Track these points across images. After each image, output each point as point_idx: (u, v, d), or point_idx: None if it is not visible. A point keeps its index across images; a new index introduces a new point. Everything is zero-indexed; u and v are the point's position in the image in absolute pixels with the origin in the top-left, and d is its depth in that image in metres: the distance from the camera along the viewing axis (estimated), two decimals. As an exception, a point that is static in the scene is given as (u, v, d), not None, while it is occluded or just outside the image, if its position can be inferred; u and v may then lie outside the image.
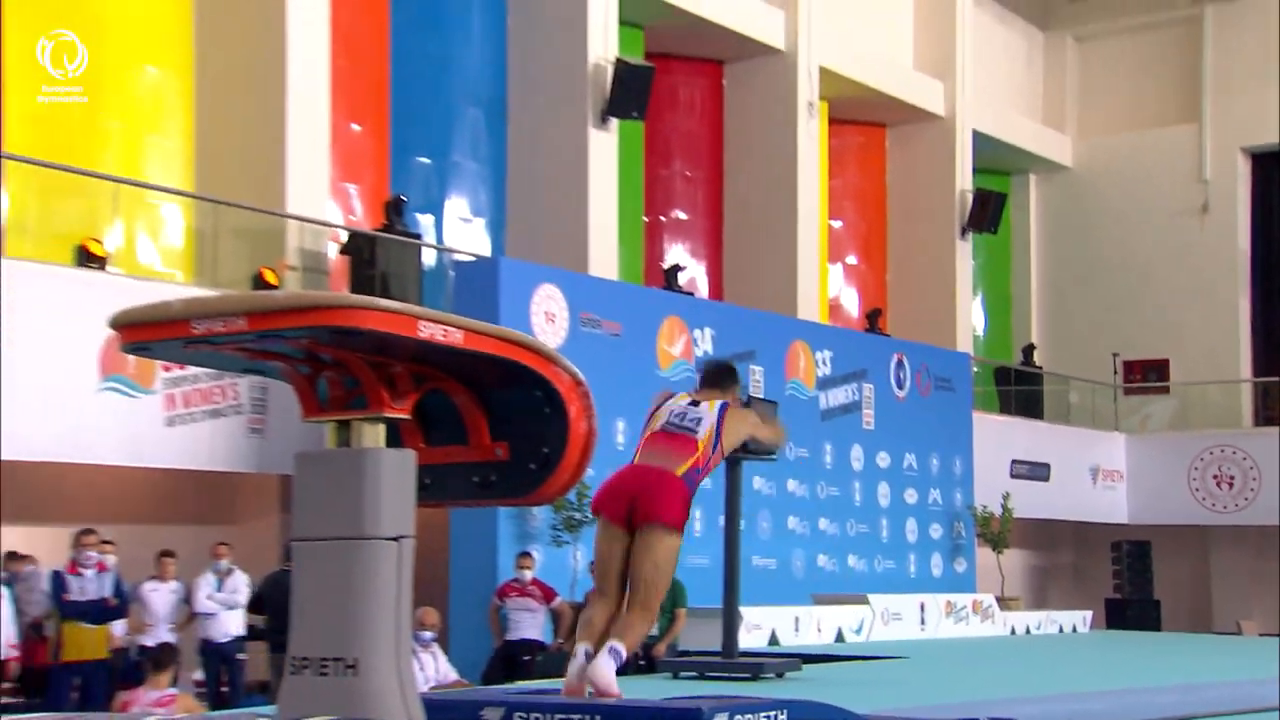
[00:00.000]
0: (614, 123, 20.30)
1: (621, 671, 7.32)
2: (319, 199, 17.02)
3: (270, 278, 15.93)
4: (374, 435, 5.90)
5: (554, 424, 6.31)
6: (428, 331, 5.71)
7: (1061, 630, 22.30)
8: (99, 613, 13.41)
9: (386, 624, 5.69)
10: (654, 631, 15.40)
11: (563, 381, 6.29)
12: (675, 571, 7.54)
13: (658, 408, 7.91)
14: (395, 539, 5.73)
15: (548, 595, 15.41)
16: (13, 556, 13.66)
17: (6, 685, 13.47)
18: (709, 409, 7.80)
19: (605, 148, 20.26)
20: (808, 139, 23.53)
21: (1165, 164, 28.50)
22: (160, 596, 14.05)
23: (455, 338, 5.83)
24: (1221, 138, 28.23)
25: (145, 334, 6.02)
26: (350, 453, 5.90)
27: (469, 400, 6.37)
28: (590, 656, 7.16)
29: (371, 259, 16.51)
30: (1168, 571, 26.32)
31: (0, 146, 15.24)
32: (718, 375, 8.36)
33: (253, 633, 14.70)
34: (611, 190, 20.39)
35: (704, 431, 7.65)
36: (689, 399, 7.97)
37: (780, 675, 11.67)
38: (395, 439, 5.99)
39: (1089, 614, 23.95)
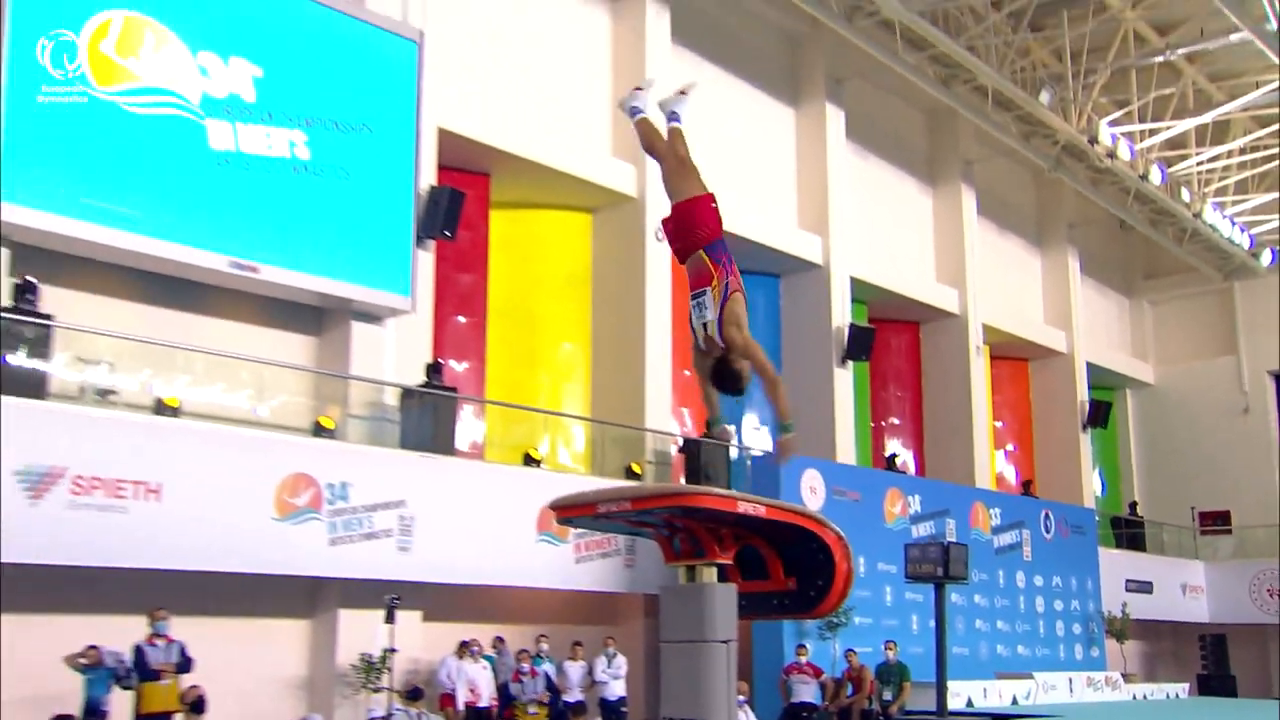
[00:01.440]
0: (850, 364, 20.98)
1: None
2: (665, 418, 17.55)
3: (636, 469, 16.46)
4: (710, 574, 6.27)
5: (825, 565, 6.62)
6: (743, 508, 6.17)
7: (1167, 697, 22.28)
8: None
9: (721, 693, 6.03)
10: (888, 696, 15.93)
11: (830, 536, 6.62)
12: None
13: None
14: (725, 641, 6.09)
15: (817, 672, 15.78)
16: (466, 644, 13.82)
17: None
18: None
19: (845, 379, 20.86)
20: (977, 371, 24.00)
21: (1216, 381, 28.74)
22: (575, 670, 14.45)
23: (760, 511, 6.27)
24: (1253, 363, 28.57)
25: (570, 512, 6.65)
26: (696, 586, 6.28)
27: (770, 550, 6.71)
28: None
29: (698, 456, 16.95)
30: (1240, 655, 25.86)
31: (460, 390, 16.27)
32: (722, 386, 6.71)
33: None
34: (850, 406, 20.90)
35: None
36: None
37: None
38: (723, 576, 6.30)
39: (1186, 685, 23.91)
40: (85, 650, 10.68)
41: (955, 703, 15.53)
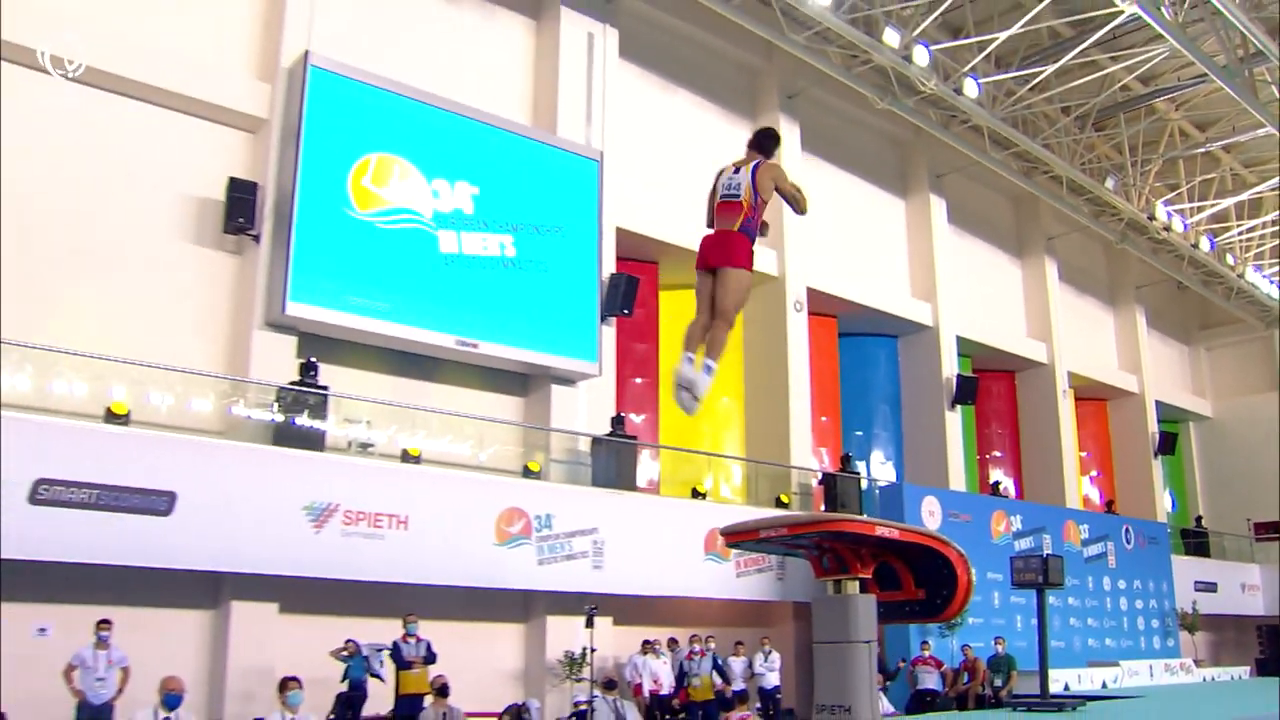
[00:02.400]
0: (958, 408, 20.66)
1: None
2: (806, 456, 17.36)
3: (784, 499, 16.29)
4: (853, 587, 6.24)
5: (949, 577, 6.55)
6: (881, 531, 6.23)
7: (1231, 678, 21.35)
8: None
9: (864, 684, 6.01)
10: (998, 683, 15.80)
11: (953, 554, 6.58)
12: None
13: (717, 180, 6.27)
14: (866, 642, 6.07)
15: (939, 664, 15.49)
16: (649, 643, 13.81)
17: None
18: (745, 172, 6.14)
19: (955, 421, 20.52)
20: (1065, 411, 23.34)
21: (1263, 412, 27.46)
22: (737, 664, 14.30)
23: (894, 533, 6.31)
24: (1296, 400, 26.98)
25: (738, 537, 6.74)
26: (842, 597, 6.24)
27: (902, 566, 6.65)
28: (690, 362, 5.81)
29: (834, 489, 16.83)
30: (1292, 643, 24.47)
31: (647, 436, 16.51)
32: (759, 140, 6.45)
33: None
34: (959, 443, 20.55)
35: (744, 193, 6.08)
36: (734, 166, 6.26)
37: (1074, 709, 11.42)
38: (864, 588, 6.26)
39: (1247, 668, 23.07)
40: (345, 643, 11.03)
41: (1054, 687, 14.98)
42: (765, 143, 6.34)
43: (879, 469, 20.13)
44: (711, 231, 6.13)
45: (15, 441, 9.59)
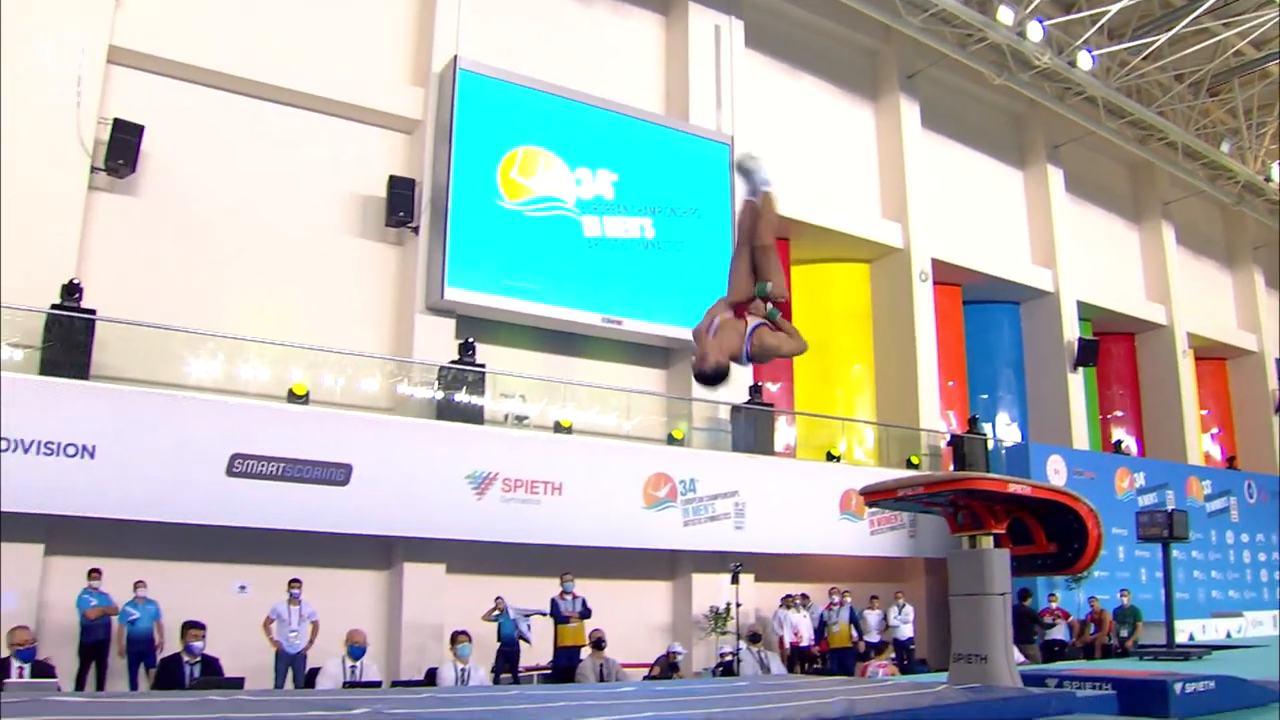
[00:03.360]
0: (1080, 370, 19.47)
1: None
2: (935, 419, 16.73)
3: (915, 460, 15.59)
4: (987, 542, 5.85)
5: (1080, 532, 6.12)
6: (1014, 488, 5.84)
7: None
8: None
9: (999, 634, 5.64)
10: (1124, 634, 14.66)
11: (1083, 508, 6.13)
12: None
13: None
14: (1001, 594, 5.68)
15: (1066, 615, 14.69)
16: (789, 597, 13.31)
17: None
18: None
19: (1077, 383, 19.36)
20: (1185, 371, 21.84)
21: None
22: (873, 617, 13.72)
23: (1025, 490, 5.91)
24: None
25: (877, 496, 6.26)
26: (976, 551, 5.85)
27: (1034, 521, 6.24)
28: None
29: (962, 450, 16.17)
30: None
31: (786, 404, 15.88)
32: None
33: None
34: (1082, 404, 19.42)
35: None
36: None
37: (1200, 657, 10.74)
38: (998, 543, 5.86)
39: None
40: (495, 601, 10.90)
41: (1180, 638, 14.11)
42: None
43: (1004, 430, 19.14)
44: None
45: (212, 421, 9.86)
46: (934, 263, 17.40)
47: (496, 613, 10.82)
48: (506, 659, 10.70)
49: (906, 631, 13.98)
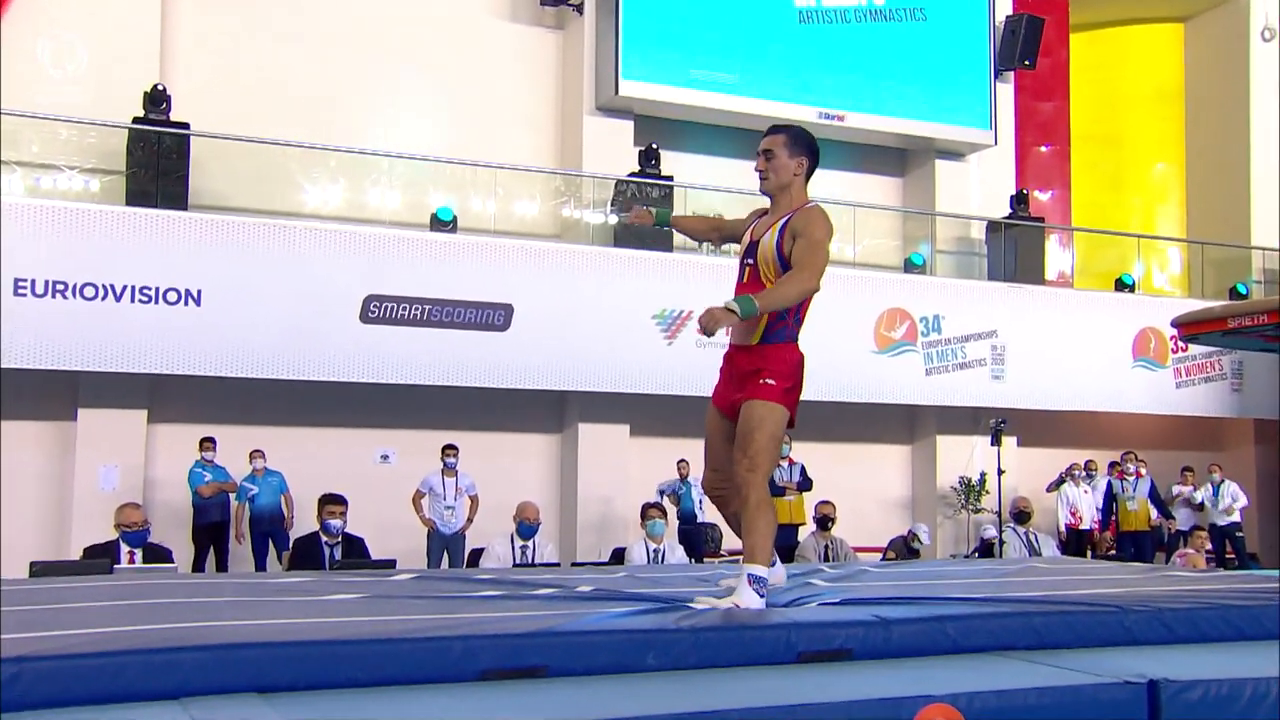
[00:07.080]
0: None
1: None
2: (1273, 234, 14.26)
3: (1243, 290, 13.08)
4: None
5: None
6: None
7: None
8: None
9: None
10: None
11: None
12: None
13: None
14: None
15: None
16: (1072, 467, 11.70)
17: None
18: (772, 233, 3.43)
19: None
20: None
21: None
22: (1184, 495, 11.97)
23: None
24: None
25: (1196, 329, 5.46)
26: None
27: None
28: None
29: None
30: None
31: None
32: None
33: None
34: None
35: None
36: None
37: None
38: None
39: None
40: (678, 467, 10.10)
41: None
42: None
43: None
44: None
45: (340, 256, 9.19)
46: (1284, 14, 15.37)
47: (680, 477, 10.01)
48: (687, 539, 9.58)
49: (1228, 516, 12.10)
